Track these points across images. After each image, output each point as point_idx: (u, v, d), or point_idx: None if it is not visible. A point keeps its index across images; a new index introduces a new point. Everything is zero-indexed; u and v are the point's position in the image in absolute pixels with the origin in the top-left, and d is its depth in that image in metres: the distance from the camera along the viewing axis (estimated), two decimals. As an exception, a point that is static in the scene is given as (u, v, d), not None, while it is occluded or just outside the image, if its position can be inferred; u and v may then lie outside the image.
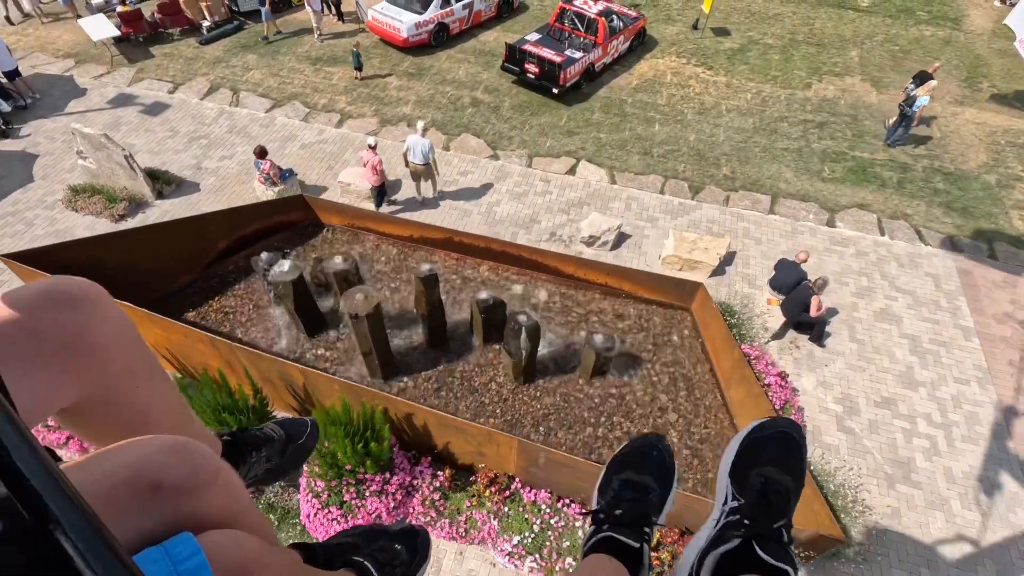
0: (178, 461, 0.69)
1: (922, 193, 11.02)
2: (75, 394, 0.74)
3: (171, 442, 0.70)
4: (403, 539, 1.18)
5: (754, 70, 14.16)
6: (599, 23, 12.79)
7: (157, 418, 0.88)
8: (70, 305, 0.73)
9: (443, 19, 13.96)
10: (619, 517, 1.06)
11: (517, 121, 12.27)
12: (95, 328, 0.75)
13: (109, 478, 0.63)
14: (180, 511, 0.67)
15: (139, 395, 0.85)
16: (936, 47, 15.41)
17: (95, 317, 0.75)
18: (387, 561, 1.10)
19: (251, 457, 1.25)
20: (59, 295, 0.73)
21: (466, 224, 10.04)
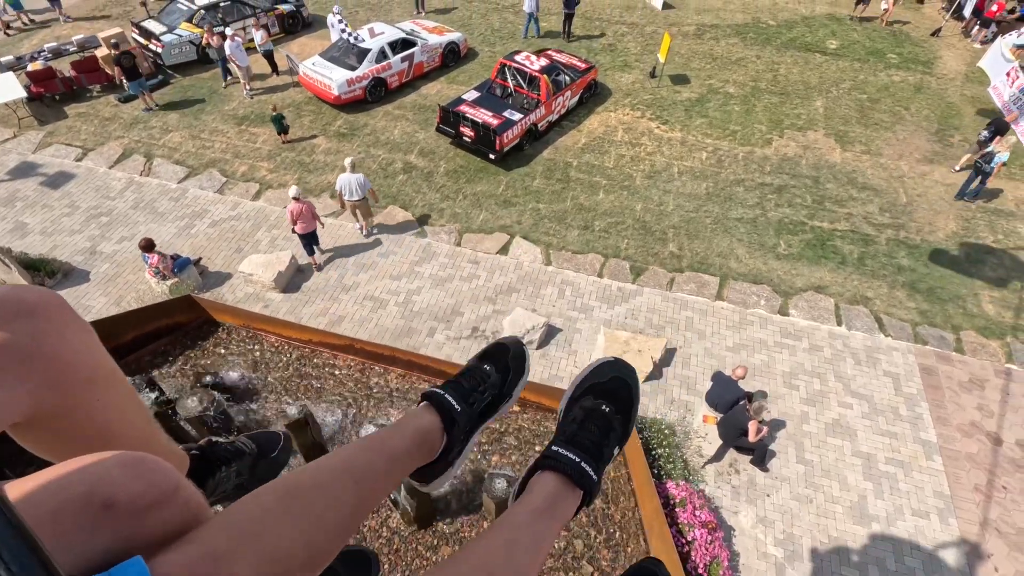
0: (133, 477, 0.66)
1: (884, 271, 10.12)
2: (31, 406, 0.70)
3: (126, 457, 0.67)
4: (490, 359, 1.14)
5: (712, 124, 13.31)
6: (541, 81, 11.93)
7: (118, 431, 0.83)
8: (27, 313, 0.70)
9: (380, 74, 13.08)
10: None
11: (451, 189, 11.36)
12: (54, 337, 0.72)
13: (58, 495, 0.61)
14: (135, 531, 0.64)
15: (99, 407, 0.80)
16: (907, 94, 14.61)
17: (54, 325, 0.72)
18: (472, 388, 1.06)
19: (220, 472, 1.19)
20: (15, 303, 0.70)
21: (380, 317, 9.10)
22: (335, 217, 10.75)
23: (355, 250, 10.17)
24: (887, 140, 13.05)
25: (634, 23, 17.11)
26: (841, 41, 16.66)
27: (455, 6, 17.51)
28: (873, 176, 12.06)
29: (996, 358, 8.90)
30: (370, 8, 17.29)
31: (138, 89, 12.51)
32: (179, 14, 13.91)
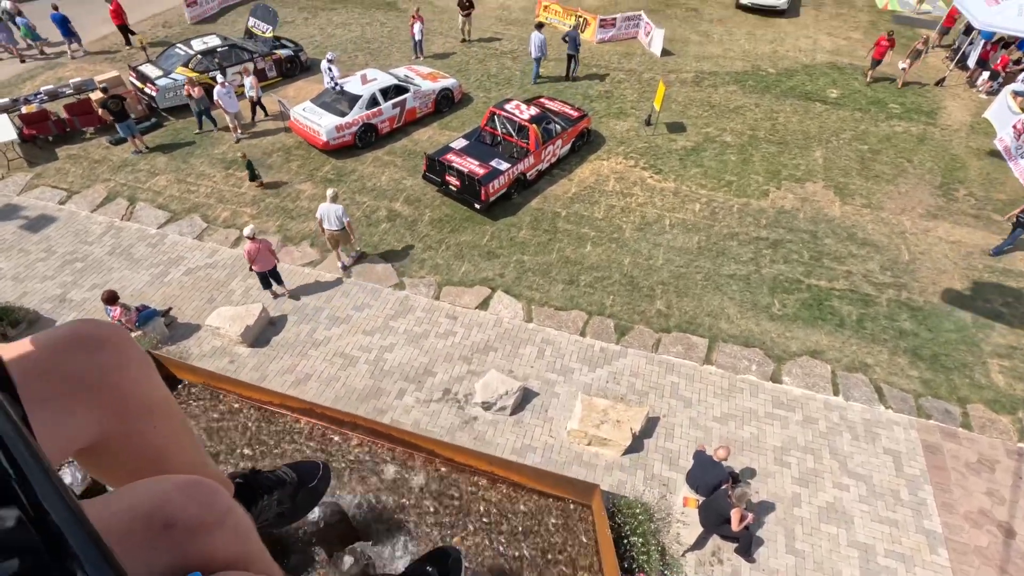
0: (190, 500, 0.70)
1: (885, 335, 9.56)
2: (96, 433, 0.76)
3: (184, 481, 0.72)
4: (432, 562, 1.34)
5: (707, 174, 13.00)
6: (530, 130, 11.74)
7: (172, 458, 0.88)
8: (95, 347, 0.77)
9: (370, 120, 13.01)
10: None
11: (434, 239, 11.07)
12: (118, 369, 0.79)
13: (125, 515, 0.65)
14: (190, 550, 0.67)
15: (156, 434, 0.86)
16: (909, 145, 14.24)
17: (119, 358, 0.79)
18: None
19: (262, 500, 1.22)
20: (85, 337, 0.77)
21: (349, 376, 8.68)
22: (313, 267, 10.48)
23: (331, 300, 9.85)
24: (888, 193, 12.63)
25: (632, 69, 17.06)
26: (842, 90, 16.43)
27: (453, 51, 17.62)
28: (874, 231, 11.60)
29: (1007, 436, 8.25)
30: (370, 53, 17.44)
31: (128, 132, 12.51)
32: (176, 58, 14.03)
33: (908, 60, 15.91)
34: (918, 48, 15.72)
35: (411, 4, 20.51)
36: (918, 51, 15.74)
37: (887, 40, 15.68)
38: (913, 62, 15.88)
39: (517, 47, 18.03)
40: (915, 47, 15.84)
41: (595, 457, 7.79)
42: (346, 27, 18.91)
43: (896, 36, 19.22)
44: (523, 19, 19.82)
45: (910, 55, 15.92)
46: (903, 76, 16.20)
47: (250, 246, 8.89)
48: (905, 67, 16.03)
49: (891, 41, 15.77)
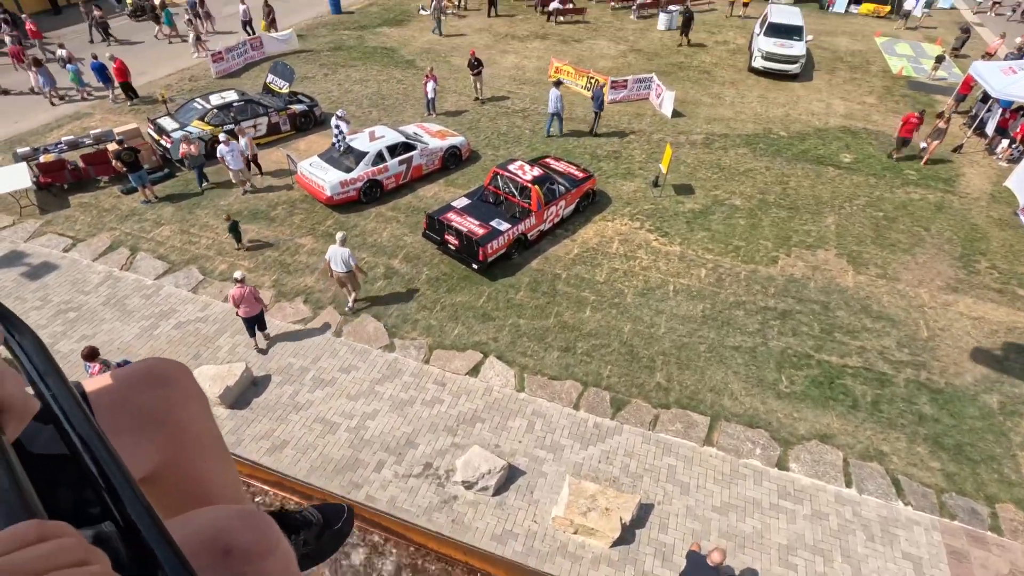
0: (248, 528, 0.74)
1: (903, 420, 8.89)
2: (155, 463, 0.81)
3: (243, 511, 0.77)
4: None
5: (715, 238, 12.68)
6: (532, 191, 11.64)
7: (218, 491, 0.92)
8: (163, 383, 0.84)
9: (375, 176, 13.09)
10: None
11: (429, 299, 10.83)
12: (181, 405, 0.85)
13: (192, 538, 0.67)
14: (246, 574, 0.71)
15: (206, 468, 0.90)
16: (927, 214, 13.81)
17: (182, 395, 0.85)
18: None
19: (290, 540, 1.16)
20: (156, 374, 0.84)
21: (327, 444, 8.28)
22: (303, 324, 10.27)
23: (317, 360, 9.56)
24: (905, 264, 12.13)
25: (642, 130, 17.11)
26: (856, 155, 16.19)
27: (466, 109, 17.92)
28: (889, 304, 11.05)
29: (1042, 543, 7.43)
30: (384, 109, 17.82)
31: (139, 182, 12.74)
32: (193, 112, 14.45)
33: (930, 139, 15.25)
34: (940, 127, 14.98)
35: (428, 63, 21.17)
36: (940, 130, 15.00)
37: (916, 118, 14.92)
38: (934, 141, 15.15)
39: (528, 105, 18.30)
40: (937, 125, 15.08)
41: (581, 548, 7.18)
42: (363, 83, 19.46)
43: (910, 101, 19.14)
44: (536, 79, 20.22)
45: (932, 134, 15.20)
46: (926, 155, 15.41)
47: (236, 290, 8.96)
48: (927, 146, 15.32)
49: (920, 119, 15.02)
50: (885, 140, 16.96)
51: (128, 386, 0.81)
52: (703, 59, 22.54)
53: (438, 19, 23.08)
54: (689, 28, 22.82)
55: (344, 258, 9.64)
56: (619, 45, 23.58)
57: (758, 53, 20.76)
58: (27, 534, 0.43)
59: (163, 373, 0.86)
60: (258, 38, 20.87)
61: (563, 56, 21.95)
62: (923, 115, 15.08)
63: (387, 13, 26.61)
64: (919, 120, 14.93)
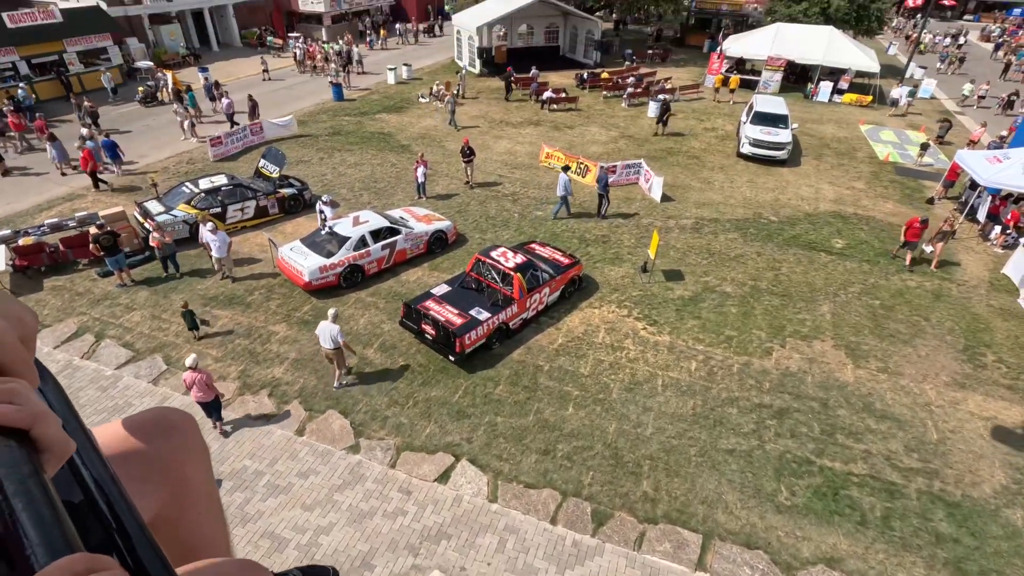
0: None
1: (918, 539, 7.97)
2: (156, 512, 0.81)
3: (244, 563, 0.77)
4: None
5: (705, 327, 12.18)
6: (514, 279, 11.30)
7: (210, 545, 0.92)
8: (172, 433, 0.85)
9: (357, 261, 12.85)
10: None
11: (402, 393, 10.20)
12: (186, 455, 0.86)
13: None
14: None
15: (201, 520, 0.91)
16: (925, 302, 13.36)
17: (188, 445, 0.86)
18: None
19: None
20: (165, 424, 0.85)
21: (272, 563, 7.31)
22: (265, 420, 9.60)
23: (275, 463, 8.81)
24: (907, 356, 11.53)
25: (631, 214, 17.09)
26: (847, 240, 16.01)
27: (456, 193, 18.06)
28: (893, 402, 10.36)
29: None
30: (375, 192, 17.98)
31: (116, 266, 12.50)
32: (180, 196, 14.51)
33: (935, 242, 14.50)
34: (945, 229, 14.27)
35: (423, 147, 21.68)
36: (945, 232, 14.29)
37: (920, 223, 14.06)
38: (940, 243, 14.38)
39: (518, 190, 18.45)
40: (941, 228, 14.37)
41: None
42: (357, 167, 19.80)
43: (899, 186, 19.26)
44: (527, 164, 20.58)
45: (937, 236, 14.43)
46: (934, 259, 14.60)
47: (187, 375, 8.70)
48: (934, 249, 14.54)
49: (924, 224, 14.14)
50: (876, 225, 16.87)
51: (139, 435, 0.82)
52: (692, 145, 23.06)
53: (452, 111, 23.47)
54: (665, 118, 23.21)
55: (333, 335, 9.57)
56: (610, 131, 24.25)
57: (746, 140, 21.23)
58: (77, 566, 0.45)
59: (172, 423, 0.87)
60: (259, 123, 21.51)
61: (555, 142, 22.50)
62: (927, 222, 14.25)
63: (387, 101, 27.72)
64: (923, 226, 14.10)
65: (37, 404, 0.56)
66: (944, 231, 14.31)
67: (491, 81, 31.52)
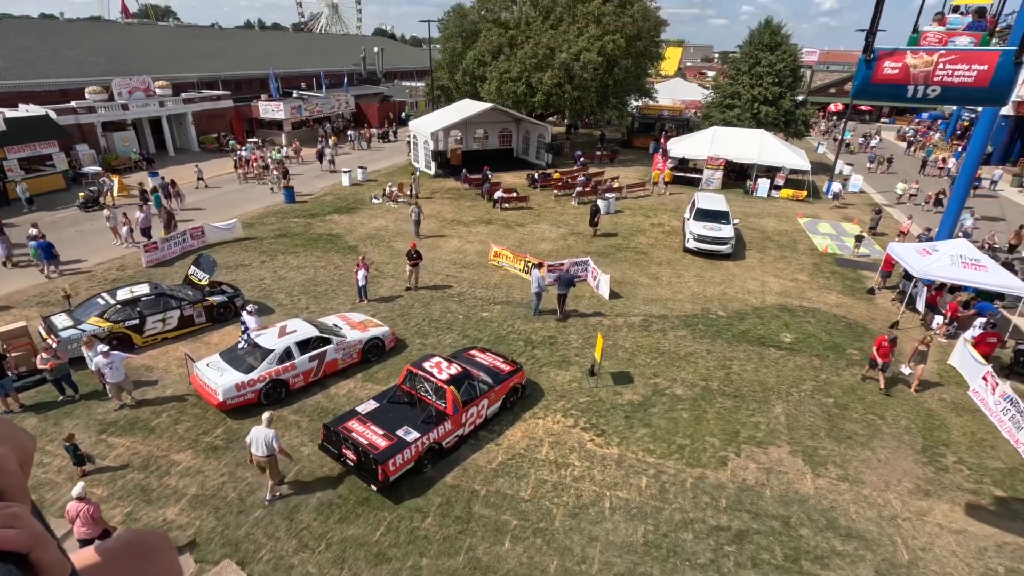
0: None
1: None
2: None
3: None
4: None
5: (656, 436, 11.40)
6: (447, 392, 10.46)
7: None
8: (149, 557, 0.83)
9: (280, 375, 11.84)
10: None
11: (315, 533, 8.89)
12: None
13: None
14: None
15: None
16: (879, 399, 12.99)
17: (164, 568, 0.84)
18: None
19: None
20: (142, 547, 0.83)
21: None
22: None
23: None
24: (866, 461, 10.90)
25: (579, 313, 16.72)
26: (796, 334, 15.88)
27: (400, 295, 17.50)
28: (858, 516, 9.56)
29: None
30: (315, 296, 17.26)
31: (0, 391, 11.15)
32: (94, 308, 13.47)
33: (913, 363, 13.38)
34: (921, 349, 13.13)
35: (371, 248, 21.38)
36: (922, 352, 13.14)
37: (888, 341, 13.00)
38: (919, 365, 13.23)
39: (466, 290, 18.03)
40: (917, 348, 13.26)
41: None
42: (300, 270, 19.20)
43: (840, 277, 19.62)
44: (476, 262, 20.38)
45: (913, 357, 13.34)
46: (914, 382, 13.33)
47: (72, 506, 7.85)
48: (913, 371, 13.39)
49: (893, 343, 13.17)
50: (822, 318, 16.90)
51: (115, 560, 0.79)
52: (640, 240, 23.47)
53: (417, 222, 22.43)
54: (596, 219, 23.33)
55: (268, 440, 9.07)
56: (560, 228, 24.60)
57: (691, 235, 21.70)
58: None
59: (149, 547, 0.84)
60: (200, 227, 20.96)
61: (506, 240, 22.58)
62: (895, 341, 13.31)
63: (340, 202, 27.81)
64: (892, 345, 13.05)
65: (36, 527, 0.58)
66: (921, 351, 13.15)
67: (445, 182, 32.28)
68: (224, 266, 19.05)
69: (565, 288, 15.91)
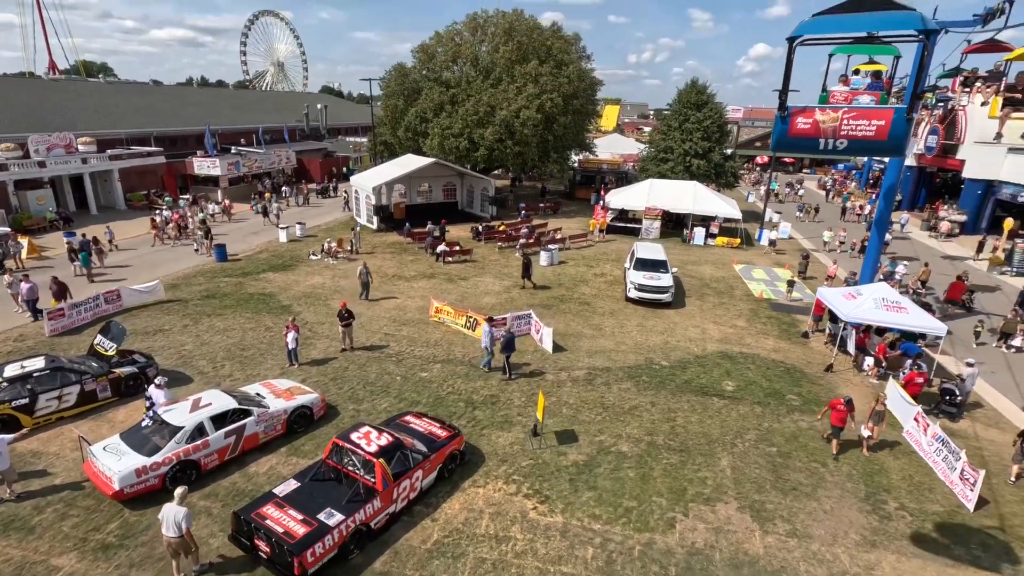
0: None
1: None
2: None
3: None
4: None
5: (602, 499, 10.84)
6: (376, 467, 9.63)
7: None
8: None
9: (190, 455, 10.67)
10: None
11: (218, 645, 7.71)
12: None
13: None
14: None
15: None
16: (819, 444, 12.98)
17: None
18: None
19: None
20: None
21: None
22: None
23: None
24: (812, 513, 10.69)
25: (522, 368, 16.26)
26: (737, 382, 15.92)
27: (334, 357, 16.58)
28: (808, 576, 9.21)
29: None
30: (241, 362, 16.09)
31: None
32: (-23, 387, 11.92)
33: (871, 423, 12.69)
34: (878, 409, 12.61)
35: (306, 307, 20.42)
36: (879, 412, 12.61)
37: (844, 404, 12.37)
38: (877, 425, 12.66)
39: (404, 348, 17.31)
40: (873, 407, 12.71)
41: None
42: (226, 333, 17.99)
43: (776, 322, 20.10)
44: (417, 319, 19.76)
45: (871, 417, 12.71)
46: (872, 441, 12.79)
47: None
48: (871, 433, 12.70)
49: (850, 405, 12.50)
50: (762, 364, 17.10)
51: None
52: (583, 291, 23.53)
53: (365, 283, 21.27)
54: (529, 272, 23.16)
55: (179, 519, 8.22)
56: (503, 281, 24.40)
57: (631, 285, 21.93)
58: None
59: None
60: (115, 290, 19.48)
61: (448, 295, 22.13)
62: (851, 402, 12.60)
63: (276, 259, 26.77)
64: (848, 408, 12.39)
65: None
66: (878, 411, 12.62)
67: (388, 236, 31.82)
68: (141, 332, 17.65)
69: (509, 349, 15.45)
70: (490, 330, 15.68)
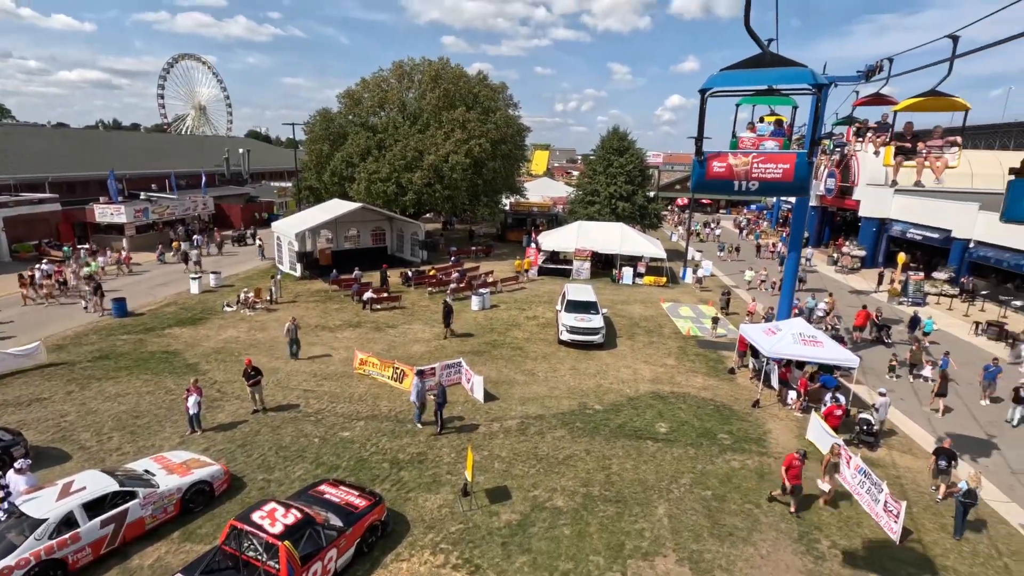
0: None
1: None
2: None
3: None
4: None
5: (536, 563, 10.09)
6: (280, 550, 8.47)
7: None
8: None
9: (54, 553, 9.02)
10: None
11: None
12: None
13: None
14: None
15: None
16: (751, 484, 12.92)
17: None
18: None
19: None
20: None
21: None
22: None
23: None
24: (750, 560, 10.43)
25: (454, 419, 15.42)
26: (670, 423, 15.82)
27: (244, 419, 15.09)
28: (751, 631, 8.82)
29: None
30: (131, 432, 14.27)
31: None
32: None
33: (826, 476, 12.24)
34: (834, 461, 12.30)
35: (215, 365, 18.74)
36: (835, 463, 12.33)
37: (799, 459, 11.73)
38: (832, 479, 12.32)
39: (325, 406, 16.06)
40: (828, 459, 12.26)
41: None
42: (118, 399, 16.04)
43: (703, 359, 20.43)
44: (340, 372, 18.55)
45: (826, 469, 12.25)
46: (828, 496, 12.22)
47: None
48: (830, 487, 12.22)
49: (803, 460, 11.85)
50: (692, 403, 17.15)
51: None
52: (516, 335, 23.13)
53: (294, 340, 19.49)
54: (448, 320, 22.43)
55: None
56: (434, 328, 23.61)
57: (563, 327, 21.78)
58: None
59: None
60: (-17, 357, 17.05)
61: (375, 344, 21.08)
62: (805, 456, 12.04)
63: (184, 313, 24.70)
64: (802, 463, 11.77)
65: None
66: (834, 463, 12.31)
67: (312, 284, 30.37)
68: (12, 403, 15.44)
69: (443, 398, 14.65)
70: (420, 383, 14.85)
